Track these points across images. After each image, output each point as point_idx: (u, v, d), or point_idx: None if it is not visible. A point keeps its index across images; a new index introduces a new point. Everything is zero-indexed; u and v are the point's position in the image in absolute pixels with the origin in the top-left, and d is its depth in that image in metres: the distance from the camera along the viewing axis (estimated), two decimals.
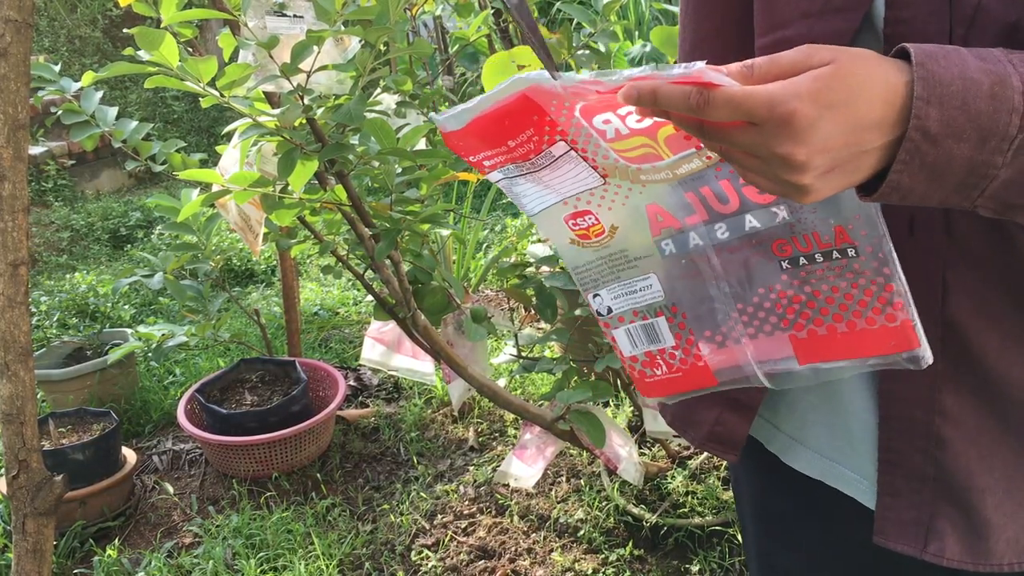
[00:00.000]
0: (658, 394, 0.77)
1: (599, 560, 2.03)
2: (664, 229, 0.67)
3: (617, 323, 0.75)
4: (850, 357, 0.65)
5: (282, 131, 1.35)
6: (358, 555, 2.13)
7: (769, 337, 0.68)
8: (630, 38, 4.54)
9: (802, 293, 0.64)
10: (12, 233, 1.36)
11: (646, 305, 0.72)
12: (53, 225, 5.04)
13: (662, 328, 0.73)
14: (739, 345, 0.69)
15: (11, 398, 1.39)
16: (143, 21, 1.26)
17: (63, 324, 3.59)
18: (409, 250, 1.69)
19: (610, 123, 0.61)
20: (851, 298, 0.63)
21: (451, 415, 2.77)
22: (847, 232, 0.61)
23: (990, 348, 0.66)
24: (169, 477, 2.56)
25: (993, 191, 0.54)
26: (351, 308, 3.78)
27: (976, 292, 0.65)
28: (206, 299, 2.38)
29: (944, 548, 0.70)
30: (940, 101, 0.52)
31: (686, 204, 0.65)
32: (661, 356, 0.74)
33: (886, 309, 0.62)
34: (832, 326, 0.64)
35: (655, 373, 0.76)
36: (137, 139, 1.81)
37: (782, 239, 0.63)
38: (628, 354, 0.76)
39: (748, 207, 0.63)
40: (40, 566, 1.46)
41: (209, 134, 6.60)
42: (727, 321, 0.69)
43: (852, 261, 0.61)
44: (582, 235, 0.71)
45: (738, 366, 0.71)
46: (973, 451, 0.68)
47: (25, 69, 1.34)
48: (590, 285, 0.74)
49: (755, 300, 0.67)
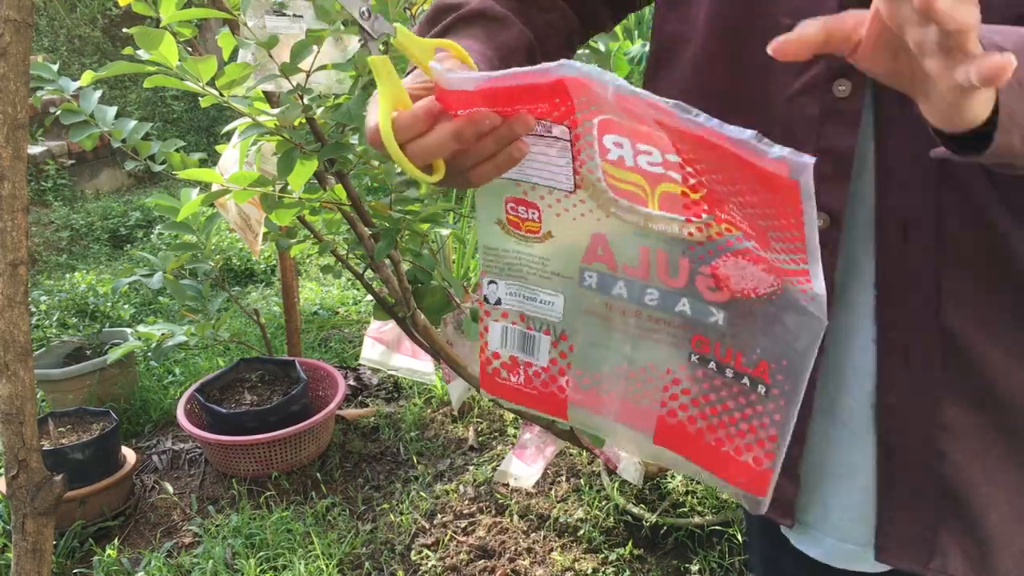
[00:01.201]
0: (499, 395, 0.75)
1: (599, 559, 2.03)
2: (596, 262, 0.65)
3: (499, 317, 0.72)
4: (701, 465, 0.65)
5: (282, 130, 1.35)
6: (358, 555, 2.13)
7: (639, 407, 0.66)
8: (630, 37, 4.54)
9: (695, 391, 0.64)
10: (11, 233, 1.36)
11: (536, 318, 0.70)
12: (53, 225, 5.04)
13: (541, 345, 0.70)
14: (608, 397, 0.68)
15: (11, 398, 1.39)
16: (143, 20, 1.26)
17: (63, 324, 3.59)
18: (409, 249, 1.69)
19: (620, 148, 0.58)
20: (734, 422, 0.62)
21: (451, 415, 2.77)
22: (768, 371, 0.60)
23: (989, 358, 0.65)
24: (169, 477, 2.56)
25: None
26: (351, 308, 3.78)
27: (972, 300, 0.64)
28: (206, 299, 2.38)
29: (947, 564, 0.68)
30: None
31: (635, 256, 0.63)
32: (525, 368, 0.71)
33: (757, 451, 0.61)
34: (702, 431, 0.64)
35: (508, 378, 0.73)
36: (136, 139, 1.81)
37: (705, 337, 0.62)
38: (493, 349, 0.73)
39: (691, 293, 0.61)
40: (40, 566, 1.46)
41: (209, 133, 6.60)
42: (611, 373, 0.67)
43: (756, 398, 0.60)
44: (513, 222, 0.67)
45: (596, 415, 0.69)
46: (976, 464, 0.67)
47: (24, 68, 1.34)
48: (493, 271, 0.71)
49: (647, 371, 0.65)
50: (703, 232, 0.59)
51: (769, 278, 0.58)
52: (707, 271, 0.60)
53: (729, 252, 0.59)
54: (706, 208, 0.58)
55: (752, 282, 0.59)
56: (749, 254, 0.58)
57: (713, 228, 0.59)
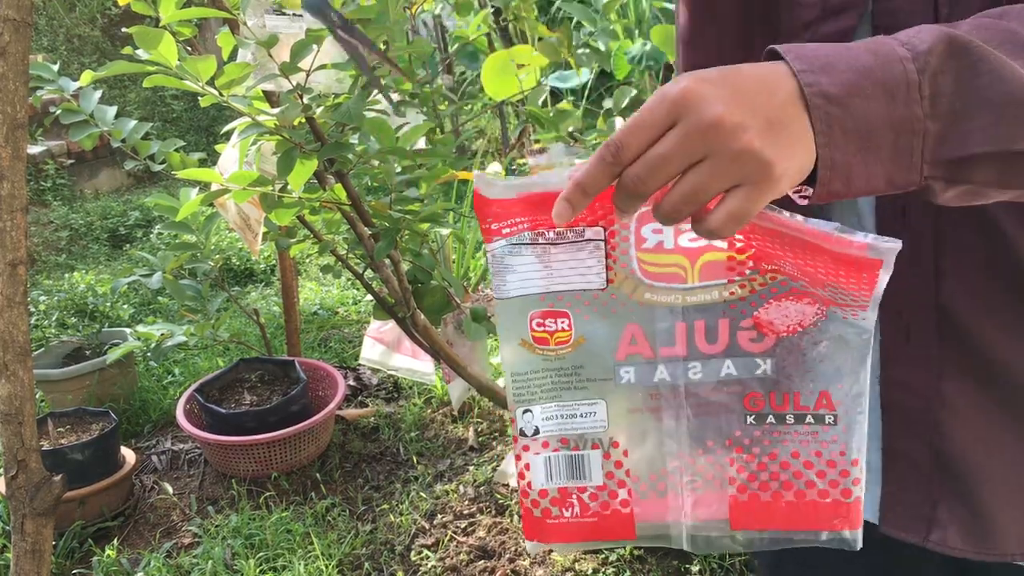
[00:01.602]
0: (555, 539, 0.67)
1: (599, 560, 2.03)
2: (631, 355, 0.63)
3: (539, 448, 0.65)
4: (787, 528, 0.63)
5: (281, 130, 1.35)
6: (357, 555, 2.12)
7: (708, 494, 0.64)
8: (630, 36, 4.54)
9: (760, 453, 0.62)
10: (11, 232, 1.36)
11: (581, 434, 0.65)
12: (52, 224, 5.03)
13: (592, 463, 0.65)
14: (678, 496, 0.64)
15: (10, 398, 1.39)
16: (142, 20, 1.25)
17: (62, 324, 3.58)
18: (409, 249, 1.69)
19: (660, 234, 0.59)
20: (811, 466, 0.61)
21: (451, 415, 2.77)
22: (830, 399, 0.59)
23: (988, 336, 0.66)
24: (168, 477, 2.56)
25: (933, 153, 0.52)
26: (350, 307, 3.78)
27: (969, 279, 0.65)
28: (205, 299, 2.38)
29: (947, 537, 0.70)
30: (823, 68, 0.51)
31: (671, 334, 0.62)
32: (578, 495, 0.65)
33: (844, 483, 0.60)
34: (779, 493, 0.62)
35: (562, 514, 0.66)
36: (136, 138, 1.81)
37: (756, 393, 0.61)
38: (539, 487, 0.66)
39: (733, 352, 0.61)
40: (39, 566, 1.46)
41: (208, 133, 6.60)
42: (674, 467, 0.64)
43: (828, 430, 0.60)
44: (540, 339, 0.63)
45: (665, 522, 0.65)
46: (976, 440, 0.68)
47: (24, 68, 1.34)
48: (524, 398, 0.65)
49: (708, 451, 0.63)
50: (746, 287, 0.59)
51: (813, 308, 0.59)
52: (748, 324, 0.60)
53: (772, 298, 0.59)
54: (751, 265, 0.59)
55: (797, 317, 0.59)
56: (794, 293, 0.59)
57: (757, 280, 0.59)
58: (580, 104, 4.36)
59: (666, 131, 0.49)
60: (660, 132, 0.50)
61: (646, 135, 0.50)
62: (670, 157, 0.49)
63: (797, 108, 0.50)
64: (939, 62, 0.51)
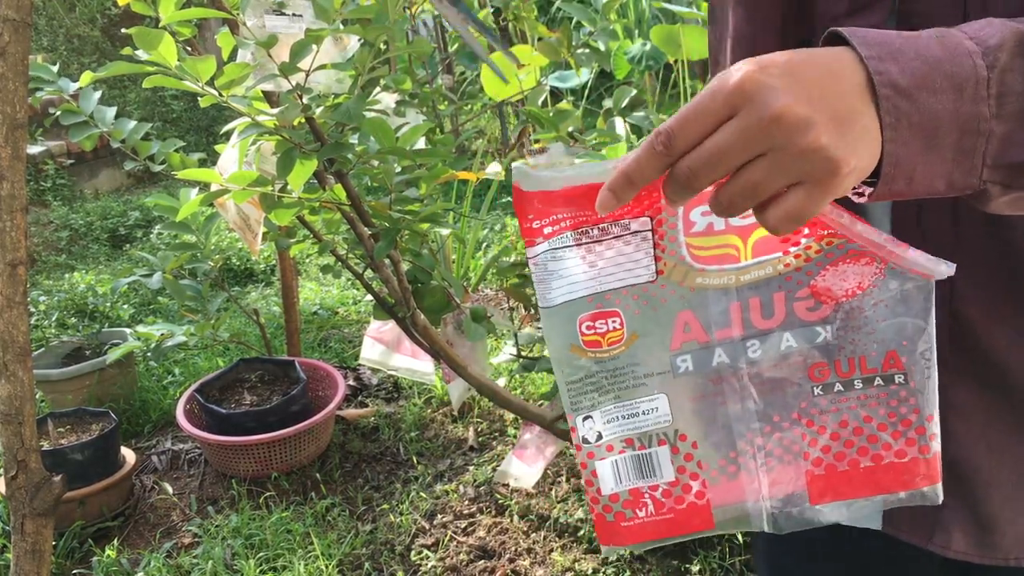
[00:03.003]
0: (631, 541, 0.66)
1: (599, 560, 2.03)
2: (686, 343, 0.61)
3: (604, 453, 0.64)
4: (869, 495, 0.61)
5: (281, 130, 1.35)
6: (358, 555, 2.12)
7: (784, 469, 0.62)
8: (630, 36, 4.54)
9: (832, 424, 0.60)
10: (10, 233, 1.36)
11: (646, 432, 0.63)
12: (52, 225, 5.03)
13: (661, 460, 0.63)
14: (752, 476, 0.63)
15: (10, 398, 1.39)
16: (142, 20, 1.25)
17: (62, 324, 3.58)
18: (408, 249, 1.69)
19: (710, 215, 0.57)
20: (885, 428, 0.59)
21: (451, 415, 2.77)
22: (899, 357, 0.58)
23: (999, 343, 0.65)
24: (168, 477, 2.56)
25: (996, 156, 0.49)
26: (350, 307, 3.78)
27: (983, 285, 0.65)
28: (205, 299, 2.38)
29: (950, 540, 0.70)
30: (892, 56, 0.48)
31: (725, 315, 0.60)
32: (651, 493, 0.64)
33: (922, 440, 0.59)
34: (855, 460, 0.61)
35: (636, 515, 0.65)
36: (136, 139, 1.81)
37: (821, 363, 0.59)
38: (609, 492, 0.64)
39: (791, 324, 0.59)
40: (39, 566, 1.46)
41: (208, 133, 6.60)
42: (745, 449, 0.62)
43: (898, 389, 0.58)
44: (592, 342, 0.61)
45: (743, 503, 0.64)
46: (982, 445, 0.68)
47: (23, 68, 1.34)
48: (584, 406, 0.63)
49: (777, 427, 0.62)
50: (800, 257, 0.58)
51: (872, 267, 0.57)
52: (804, 294, 0.58)
53: (829, 264, 0.58)
54: (806, 232, 0.57)
55: (855, 280, 0.58)
56: (852, 254, 0.57)
57: (813, 248, 0.57)
58: (580, 104, 4.36)
59: (724, 121, 0.46)
60: (717, 122, 0.46)
61: (702, 125, 0.46)
62: (728, 151, 0.46)
63: (864, 100, 0.47)
64: (1008, 59, 0.48)
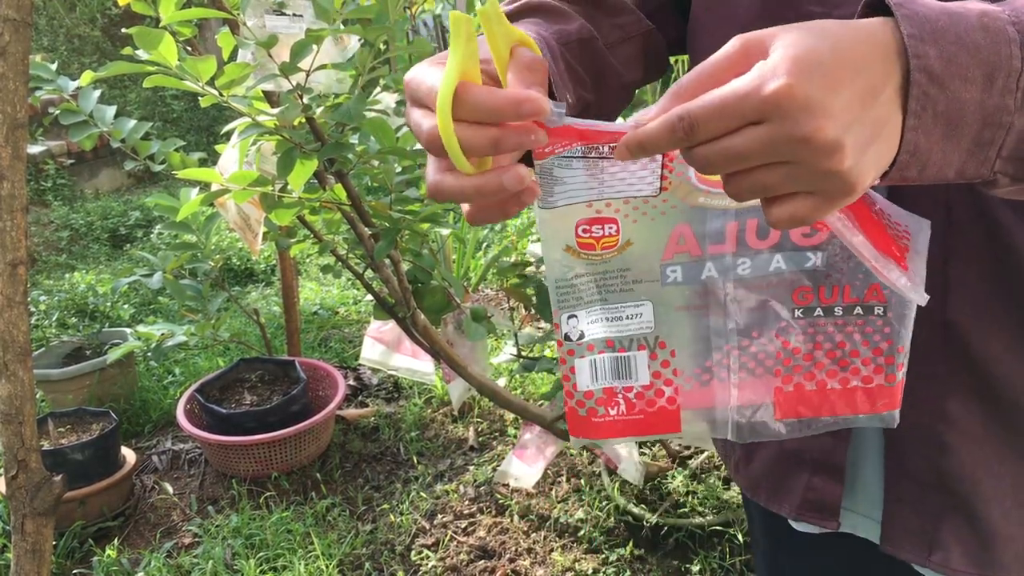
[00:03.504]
0: (599, 436, 0.68)
1: (599, 560, 2.03)
2: (678, 254, 0.62)
3: (585, 352, 0.65)
4: (831, 414, 0.63)
5: (281, 130, 1.35)
6: (358, 555, 2.12)
7: (755, 383, 0.64)
8: None
9: (806, 346, 0.62)
10: (11, 232, 1.36)
11: (627, 336, 0.64)
12: (52, 224, 5.03)
13: (639, 364, 0.65)
14: (724, 383, 0.64)
15: (10, 398, 1.39)
16: (142, 20, 1.25)
17: (62, 324, 3.58)
18: (409, 249, 1.69)
19: None
20: (856, 355, 0.61)
21: (451, 415, 2.77)
22: (881, 290, 0.58)
23: (992, 352, 0.65)
24: (168, 477, 2.56)
25: (1011, 147, 0.49)
26: (351, 307, 3.78)
27: (975, 291, 0.64)
28: (205, 299, 2.38)
29: (949, 558, 0.68)
30: (933, 37, 0.46)
31: (721, 233, 0.60)
32: (625, 395, 0.66)
33: (889, 369, 0.60)
34: (823, 381, 0.62)
35: (608, 413, 0.66)
36: (136, 138, 1.81)
37: (806, 287, 0.60)
38: (584, 388, 0.66)
39: (784, 246, 0.60)
40: (39, 566, 1.46)
41: (208, 133, 6.60)
42: (720, 361, 0.64)
43: (875, 319, 0.59)
44: (587, 245, 0.62)
45: (711, 408, 0.65)
46: (979, 459, 0.67)
47: (24, 68, 1.34)
48: (569, 304, 0.65)
49: (754, 343, 0.63)
50: None
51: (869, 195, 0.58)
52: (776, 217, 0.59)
53: None
54: None
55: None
56: None
57: None
58: None
59: (750, 124, 0.45)
60: (744, 124, 0.45)
61: (727, 123, 0.45)
62: (748, 156, 0.46)
63: (896, 102, 0.46)
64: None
